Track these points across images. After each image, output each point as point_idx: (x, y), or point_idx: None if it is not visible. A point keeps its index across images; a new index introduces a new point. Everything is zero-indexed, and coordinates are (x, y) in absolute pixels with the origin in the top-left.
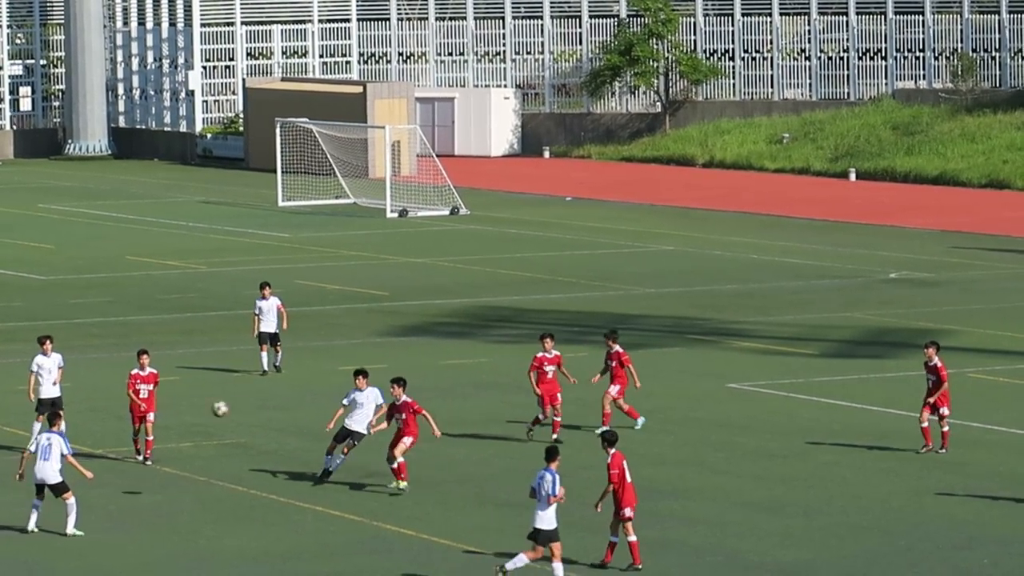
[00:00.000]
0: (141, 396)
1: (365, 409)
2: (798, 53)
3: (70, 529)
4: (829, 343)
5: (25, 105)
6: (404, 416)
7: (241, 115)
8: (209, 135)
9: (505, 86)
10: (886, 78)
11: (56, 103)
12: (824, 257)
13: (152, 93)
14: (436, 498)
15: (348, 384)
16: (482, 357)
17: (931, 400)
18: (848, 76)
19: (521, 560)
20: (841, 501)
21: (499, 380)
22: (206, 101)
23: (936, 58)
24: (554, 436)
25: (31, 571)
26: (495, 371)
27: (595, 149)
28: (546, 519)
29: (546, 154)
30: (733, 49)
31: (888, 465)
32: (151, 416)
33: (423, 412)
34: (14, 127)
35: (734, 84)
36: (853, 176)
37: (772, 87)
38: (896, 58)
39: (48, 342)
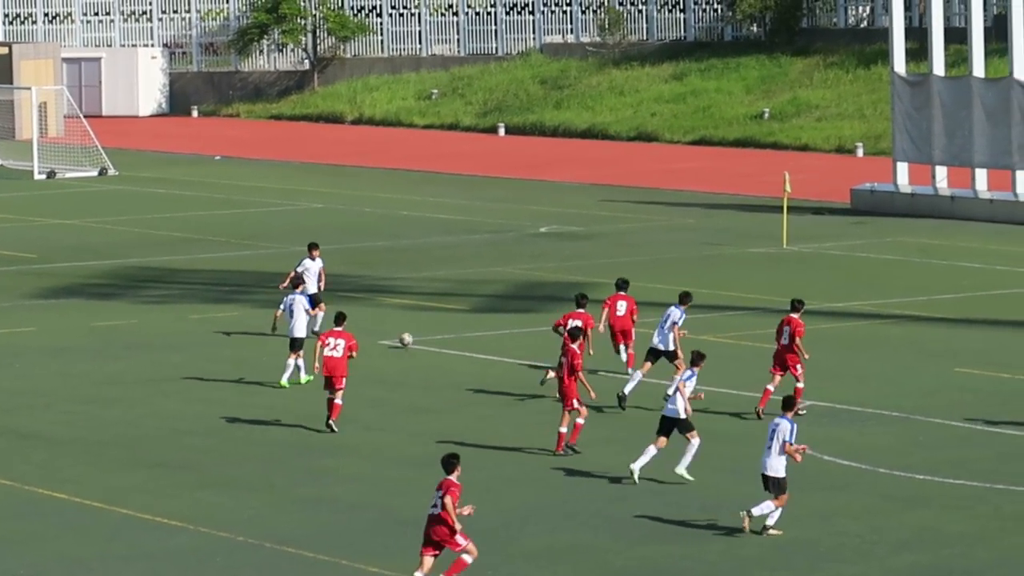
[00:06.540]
0: None
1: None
2: (446, 9)
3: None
4: (480, 298)
5: None
6: None
7: None
8: None
9: (152, 45)
10: (534, 32)
11: None
12: (474, 212)
13: None
14: (91, 461)
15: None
16: (132, 318)
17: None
18: (496, 31)
19: None
20: (496, 455)
21: (150, 341)
22: None
23: (583, 12)
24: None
25: None
26: (145, 331)
27: (244, 107)
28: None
29: (195, 113)
30: (380, 5)
31: (543, 419)
32: None
33: None
34: None
35: (382, 40)
36: (502, 131)
37: (420, 43)
38: (543, 12)
39: None
